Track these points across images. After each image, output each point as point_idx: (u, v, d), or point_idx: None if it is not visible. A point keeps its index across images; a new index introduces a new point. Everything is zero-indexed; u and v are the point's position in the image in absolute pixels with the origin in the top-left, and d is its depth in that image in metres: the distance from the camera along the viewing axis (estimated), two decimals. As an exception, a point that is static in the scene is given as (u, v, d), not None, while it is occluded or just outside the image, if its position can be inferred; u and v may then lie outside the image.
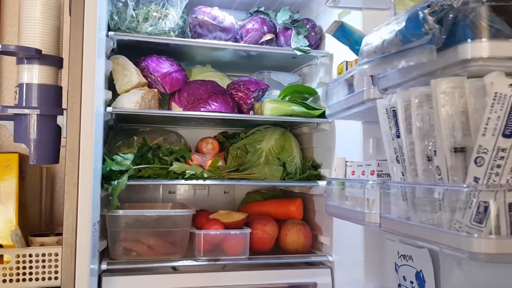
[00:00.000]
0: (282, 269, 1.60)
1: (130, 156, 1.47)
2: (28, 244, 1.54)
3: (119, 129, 1.72)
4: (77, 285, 1.23)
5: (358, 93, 1.10)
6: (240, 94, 1.65)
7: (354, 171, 1.23)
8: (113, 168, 1.42)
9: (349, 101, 1.16)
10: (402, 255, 1.25)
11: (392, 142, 0.96)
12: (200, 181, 1.54)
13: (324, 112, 1.65)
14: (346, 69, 1.40)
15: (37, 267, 1.48)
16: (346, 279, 1.55)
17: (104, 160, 1.44)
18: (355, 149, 1.43)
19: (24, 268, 1.47)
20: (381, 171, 1.11)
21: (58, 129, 1.36)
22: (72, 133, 1.25)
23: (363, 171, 1.16)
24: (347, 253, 1.54)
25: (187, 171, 1.53)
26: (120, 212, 1.46)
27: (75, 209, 1.24)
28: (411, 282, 1.21)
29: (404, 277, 1.25)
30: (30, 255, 1.48)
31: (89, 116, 1.27)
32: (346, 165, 1.28)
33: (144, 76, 1.59)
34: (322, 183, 1.64)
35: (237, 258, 1.56)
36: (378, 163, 1.11)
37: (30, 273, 1.48)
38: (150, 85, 1.61)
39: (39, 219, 1.82)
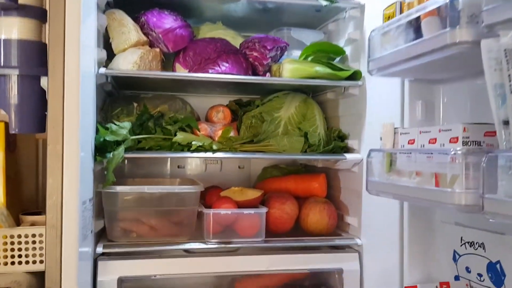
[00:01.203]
0: (303, 253, 1.40)
1: (127, 125, 1.28)
2: (18, 223, 1.37)
3: (118, 95, 1.53)
4: (64, 270, 1.06)
5: (436, 36, 0.87)
6: (255, 53, 1.43)
7: (413, 139, 1.00)
8: (108, 139, 1.23)
9: (416, 48, 0.93)
10: (467, 242, 1.03)
11: (509, 97, 0.73)
12: (209, 154, 1.34)
13: (353, 74, 1.43)
14: (401, 12, 1.13)
15: (26, 249, 1.31)
16: (377, 266, 1.35)
17: (97, 130, 1.25)
18: (393, 116, 1.21)
19: (12, 250, 1.31)
20: (468, 137, 0.88)
21: (43, 92, 1.17)
22: (55, 97, 1.07)
23: (433, 139, 0.93)
24: (379, 236, 1.33)
25: (193, 142, 1.33)
26: (117, 188, 1.28)
27: (60, 185, 1.06)
28: (479, 275, 0.99)
29: (467, 268, 1.03)
30: (19, 236, 1.32)
31: (74, 77, 1.07)
32: (396, 133, 1.06)
33: (144, 33, 1.39)
34: (350, 156, 1.42)
35: (251, 241, 1.37)
36: (464, 127, 0.88)
37: (19, 256, 1.31)
38: (151, 45, 1.40)
39: (36, 195, 1.66)
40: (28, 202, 1.59)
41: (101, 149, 1.23)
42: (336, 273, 1.42)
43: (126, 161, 1.76)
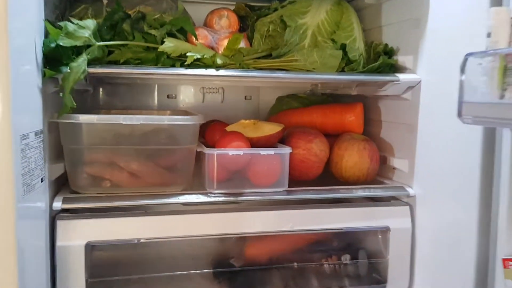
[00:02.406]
0: (336, 207, 1.05)
1: (91, 24, 0.87)
2: None
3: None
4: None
5: None
6: None
7: None
8: (62, 43, 0.83)
9: None
10: None
11: None
12: (211, 72, 0.95)
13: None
14: None
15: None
16: (438, 225, 1.00)
17: (46, 33, 0.84)
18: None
19: None
20: None
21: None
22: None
23: None
24: (442, 186, 0.98)
25: (188, 54, 0.93)
26: (81, 118, 0.89)
27: (-20, 109, 0.67)
28: None
29: None
30: None
31: None
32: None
33: None
34: (404, 77, 1.04)
35: (270, 192, 1.00)
36: None
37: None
38: None
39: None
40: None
41: (53, 60, 0.83)
42: (380, 233, 1.08)
43: (101, 91, 1.36)
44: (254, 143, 1.02)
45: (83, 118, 0.89)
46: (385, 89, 1.09)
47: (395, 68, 1.11)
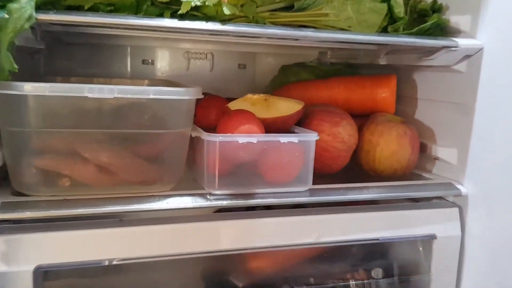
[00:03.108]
0: (371, 210, 0.81)
1: None
2: None
3: None
4: None
5: None
6: None
7: None
8: (-8, -27, 0.54)
9: None
10: None
11: None
12: (214, 27, 0.67)
13: None
14: None
15: None
16: (495, 233, 0.78)
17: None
18: None
19: None
20: None
21: None
22: None
23: None
24: (502, 183, 0.76)
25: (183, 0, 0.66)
26: (26, 88, 0.60)
27: None
28: None
29: None
30: None
31: None
32: None
33: None
34: (464, 42, 0.80)
35: (289, 192, 0.75)
36: None
37: None
38: None
39: None
40: None
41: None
42: (421, 243, 0.85)
43: (58, 53, 1.07)
44: (267, 127, 0.76)
45: (30, 88, 0.60)
46: (434, 58, 0.84)
47: (444, 32, 0.86)
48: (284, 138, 0.72)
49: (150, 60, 1.14)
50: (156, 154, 0.71)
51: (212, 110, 0.88)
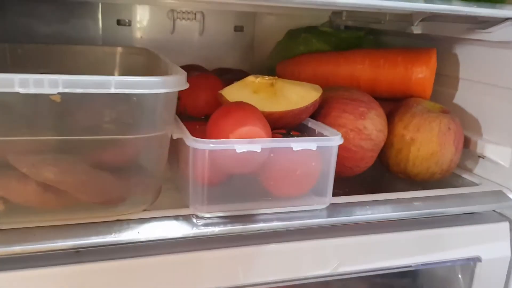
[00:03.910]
0: (401, 229, 0.63)
1: None
2: None
3: None
4: None
5: None
6: None
7: None
8: None
9: None
10: None
11: None
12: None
13: None
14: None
15: None
16: None
17: None
18: None
19: None
20: None
21: None
22: None
23: None
24: None
25: None
26: None
27: None
28: None
29: None
30: None
31: None
32: None
33: None
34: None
35: (301, 212, 0.57)
36: None
37: None
38: None
39: None
40: None
41: None
42: (459, 268, 0.68)
43: (11, 12, 0.86)
44: (273, 122, 0.58)
45: None
46: (492, 32, 0.64)
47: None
48: (297, 144, 0.53)
49: (127, 20, 0.93)
50: (123, 163, 0.52)
51: (201, 92, 0.69)
